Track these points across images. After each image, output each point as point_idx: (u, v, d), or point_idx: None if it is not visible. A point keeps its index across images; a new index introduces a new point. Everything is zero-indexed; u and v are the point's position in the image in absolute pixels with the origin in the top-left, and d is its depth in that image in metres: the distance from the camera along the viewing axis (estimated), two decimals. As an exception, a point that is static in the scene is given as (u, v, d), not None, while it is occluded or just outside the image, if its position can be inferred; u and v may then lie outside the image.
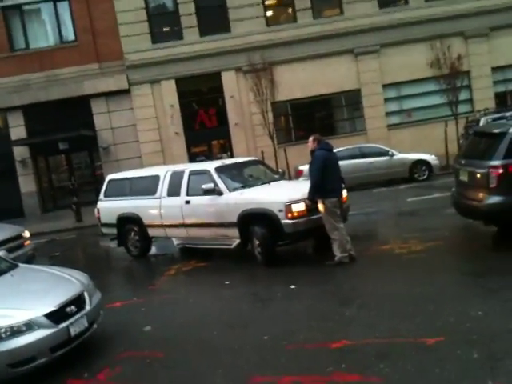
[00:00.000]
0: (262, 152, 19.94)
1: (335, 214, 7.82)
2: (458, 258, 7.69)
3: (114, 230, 10.76)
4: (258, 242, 8.31)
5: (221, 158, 22.16)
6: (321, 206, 7.79)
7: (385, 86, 22.76)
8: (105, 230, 11.19)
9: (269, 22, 22.50)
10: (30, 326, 4.88)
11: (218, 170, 9.23)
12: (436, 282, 6.40)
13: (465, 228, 9.24)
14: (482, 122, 16.29)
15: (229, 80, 22.59)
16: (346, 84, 22.64)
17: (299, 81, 22.00)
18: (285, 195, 8.26)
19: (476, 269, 6.75)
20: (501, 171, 6.98)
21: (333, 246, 7.86)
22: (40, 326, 4.94)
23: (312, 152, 7.98)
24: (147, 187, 10.13)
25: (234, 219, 8.51)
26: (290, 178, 16.25)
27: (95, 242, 13.90)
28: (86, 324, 5.39)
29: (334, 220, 7.80)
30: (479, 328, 4.80)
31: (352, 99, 23.29)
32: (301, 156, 19.45)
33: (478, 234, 8.75)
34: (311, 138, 8.13)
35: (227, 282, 7.73)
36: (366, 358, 4.55)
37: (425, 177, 17.05)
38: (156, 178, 10.07)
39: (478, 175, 7.42)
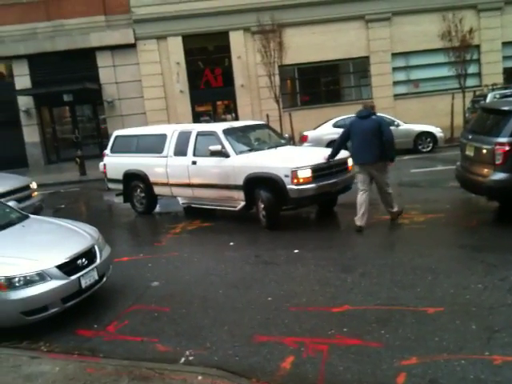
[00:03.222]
0: (267, 115, 19.88)
1: (358, 177, 8.15)
2: (459, 231, 7.82)
3: (119, 186, 10.89)
4: (262, 206, 8.43)
5: (225, 119, 22.18)
6: None
7: (394, 55, 22.58)
8: (111, 186, 11.32)
9: (280, -18, 22.11)
10: (42, 277, 5.01)
11: (226, 132, 9.27)
12: (436, 253, 6.55)
13: (466, 202, 9.37)
14: (489, 97, 16.26)
15: (236, 40, 22.34)
16: (354, 51, 22.45)
17: (308, 45, 21.79)
18: (291, 161, 8.36)
19: (475, 243, 6.89)
20: (507, 148, 7.04)
21: None
22: (52, 277, 5.07)
23: None
24: (154, 145, 10.18)
25: (240, 182, 8.61)
26: (294, 144, 16.27)
27: (99, 196, 14.03)
28: (97, 277, 5.55)
29: (359, 183, 8.14)
30: (478, 301, 4.97)
31: (360, 66, 23.13)
32: (305, 121, 19.51)
33: (479, 209, 8.89)
34: None
35: (232, 244, 7.90)
36: (367, 323, 4.72)
37: (429, 149, 17.06)
38: (163, 137, 10.11)
39: (484, 151, 7.49)
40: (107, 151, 11.20)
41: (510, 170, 7.13)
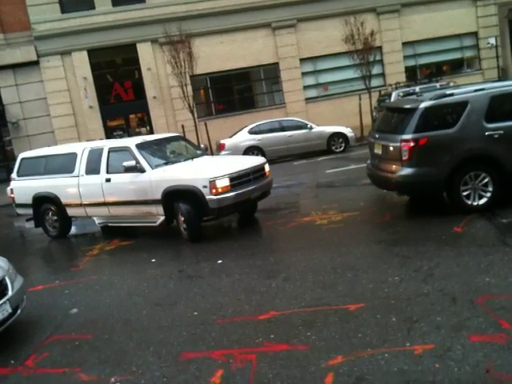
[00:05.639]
0: (183, 126, 19.74)
1: None
2: (374, 227, 8.10)
3: (29, 211, 10.34)
4: (183, 219, 8.32)
5: (140, 133, 21.77)
6: None
7: (302, 60, 23.18)
8: (20, 211, 10.74)
9: (185, -8, 22.10)
10: None
11: (139, 146, 9.07)
12: (354, 251, 6.74)
13: (379, 198, 9.74)
14: (393, 96, 17.10)
15: (145, 52, 22.03)
16: (264, 58, 22.82)
17: (218, 54, 21.90)
18: (209, 171, 8.31)
19: (390, 238, 7.17)
20: (412, 144, 7.39)
21: None
22: (-41, 315, 4.72)
23: None
24: (64, 165, 9.78)
25: (158, 196, 8.45)
26: (211, 153, 16.26)
27: (9, 222, 13.27)
28: (10, 310, 5.21)
29: None
30: (396, 293, 5.16)
31: (270, 73, 23.54)
32: (222, 129, 19.59)
33: (391, 204, 9.28)
34: None
35: (153, 260, 7.71)
36: (293, 327, 4.75)
37: (341, 149, 17.67)
38: (73, 156, 9.72)
39: (391, 148, 7.82)
40: (13, 175, 10.62)
41: (416, 165, 7.50)
